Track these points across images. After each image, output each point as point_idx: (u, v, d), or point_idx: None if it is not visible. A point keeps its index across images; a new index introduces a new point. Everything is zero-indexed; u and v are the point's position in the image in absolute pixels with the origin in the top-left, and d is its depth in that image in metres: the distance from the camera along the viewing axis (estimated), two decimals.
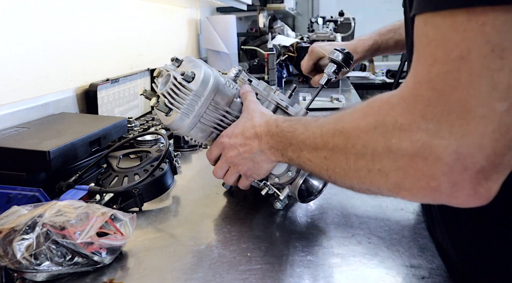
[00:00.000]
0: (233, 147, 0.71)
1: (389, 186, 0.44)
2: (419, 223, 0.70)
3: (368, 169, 0.45)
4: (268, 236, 0.67)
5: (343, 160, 0.49)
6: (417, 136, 0.40)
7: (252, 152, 0.69)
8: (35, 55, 1.04)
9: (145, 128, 1.25)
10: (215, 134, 0.74)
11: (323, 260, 0.59)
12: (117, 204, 0.75)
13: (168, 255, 0.62)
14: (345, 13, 3.53)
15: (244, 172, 0.72)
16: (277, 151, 0.65)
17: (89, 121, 1.00)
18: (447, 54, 0.38)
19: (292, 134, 0.61)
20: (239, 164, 0.71)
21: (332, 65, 0.81)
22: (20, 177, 0.76)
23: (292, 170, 0.71)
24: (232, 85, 0.73)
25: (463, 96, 0.37)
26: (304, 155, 0.58)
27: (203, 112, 0.71)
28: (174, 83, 0.69)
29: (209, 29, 2.16)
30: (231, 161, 0.72)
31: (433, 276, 0.55)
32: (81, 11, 1.23)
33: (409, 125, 0.41)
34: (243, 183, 0.75)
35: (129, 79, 1.42)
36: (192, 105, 0.69)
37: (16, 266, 0.53)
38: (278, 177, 0.73)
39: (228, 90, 0.72)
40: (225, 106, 0.73)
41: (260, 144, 0.68)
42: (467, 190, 0.39)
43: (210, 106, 0.71)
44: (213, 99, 0.70)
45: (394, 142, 0.42)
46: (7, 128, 0.89)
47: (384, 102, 0.45)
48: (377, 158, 0.44)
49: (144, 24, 1.67)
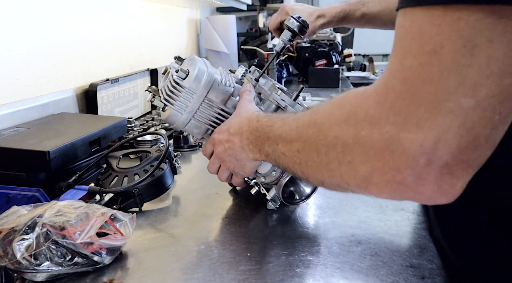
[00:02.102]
0: (220, 142, 0.71)
1: (358, 179, 0.44)
2: (419, 223, 0.70)
3: (339, 161, 0.45)
4: (268, 236, 0.67)
5: (315, 153, 0.49)
6: (385, 129, 0.40)
7: (234, 148, 0.68)
8: (35, 55, 1.04)
9: (145, 128, 1.25)
10: (211, 131, 0.74)
11: (323, 260, 0.59)
12: (117, 204, 0.75)
13: (168, 255, 0.62)
14: None
15: (231, 169, 0.72)
16: (255, 146, 0.65)
17: (89, 122, 1.00)
18: (421, 47, 0.38)
19: (270, 128, 0.61)
20: (226, 160, 0.71)
21: (287, 32, 0.80)
22: (20, 177, 0.76)
23: (277, 170, 0.71)
24: (229, 83, 0.73)
25: (432, 90, 0.37)
26: (279, 148, 0.57)
27: (197, 108, 0.71)
28: (170, 80, 0.70)
29: (209, 29, 2.17)
30: (220, 156, 0.72)
31: (433, 276, 0.55)
32: (81, 11, 1.23)
33: (379, 118, 0.40)
34: (234, 179, 0.75)
35: (129, 79, 1.42)
36: (186, 101, 0.71)
37: (16, 266, 0.53)
38: (264, 176, 0.72)
39: (224, 89, 0.72)
40: (220, 104, 0.73)
41: (241, 140, 0.67)
42: (432, 185, 0.39)
43: (203, 103, 0.71)
44: (207, 97, 0.71)
45: (363, 134, 0.42)
46: (7, 129, 0.89)
47: (358, 94, 0.45)
48: (347, 149, 0.44)
49: (144, 24, 1.67)
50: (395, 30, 0.42)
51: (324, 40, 2.41)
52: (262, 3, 2.94)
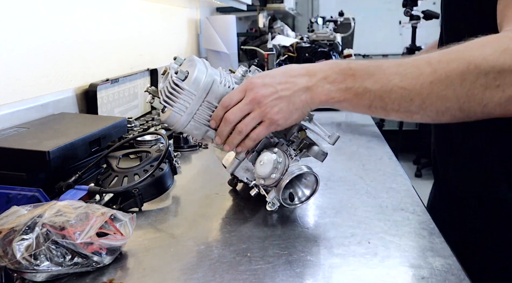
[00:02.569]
0: (268, 85, 0.66)
1: (502, 99, 0.54)
2: (419, 223, 0.70)
3: (486, 86, 0.54)
4: (268, 236, 0.67)
5: (458, 82, 0.55)
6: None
7: (294, 89, 0.65)
8: (35, 55, 1.04)
9: (145, 128, 1.25)
10: (212, 133, 0.74)
11: (323, 260, 0.59)
12: (117, 204, 0.75)
13: (168, 255, 0.62)
14: (345, 13, 3.52)
15: (271, 114, 0.66)
16: (339, 84, 0.63)
17: (89, 122, 1.00)
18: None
19: (375, 67, 0.62)
20: (268, 105, 0.65)
21: None
22: (20, 177, 0.76)
23: (277, 173, 0.70)
24: (229, 84, 0.73)
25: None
26: (393, 82, 0.59)
27: (196, 110, 0.71)
28: (169, 81, 0.70)
29: (209, 29, 2.17)
30: (258, 100, 0.66)
31: (433, 276, 0.55)
32: (81, 11, 1.23)
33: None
34: (260, 130, 0.68)
35: (129, 79, 1.42)
36: (184, 103, 0.70)
37: (16, 266, 0.53)
38: (264, 178, 0.71)
39: (224, 90, 0.72)
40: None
41: (310, 80, 0.65)
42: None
43: (203, 105, 0.71)
44: (206, 98, 0.71)
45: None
46: (7, 129, 0.89)
47: (500, 36, 0.56)
48: (501, 75, 0.53)
49: (144, 24, 1.67)
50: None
51: (324, 40, 2.41)
52: (262, 3, 2.93)
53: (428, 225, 0.69)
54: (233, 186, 0.86)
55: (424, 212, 0.73)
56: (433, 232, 0.66)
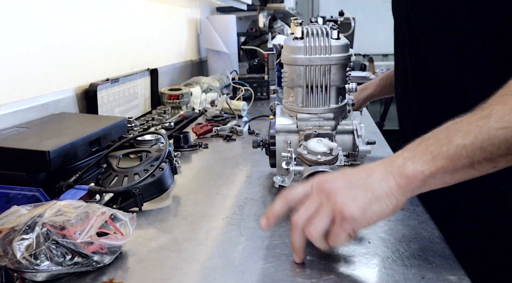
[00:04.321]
0: (337, 177, 0.57)
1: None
2: (419, 223, 0.70)
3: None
4: (268, 236, 0.67)
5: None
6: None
7: (367, 177, 0.55)
8: (35, 55, 1.04)
9: (145, 128, 1.25)
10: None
11: (323, 260, 0.59)
12: (117, 204, 0.75)
13: (168, 255, 0.62)
14: (345, 13, 3.52)
15: (345, 210, 0.53)
16: (423, 154, 0.53)
17: (89, 121, 1.00)
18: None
19: (446, 129, 0.54)
20: (338, 194, 0.54)
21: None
22: (20, 177, 0.76)
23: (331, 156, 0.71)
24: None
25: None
26: (489, 126, 0.51)
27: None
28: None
29: (209, 29, 2.16)
30: (328, 191, 0.55)
31: (433, 276, 0.55)
32: (81, 12, 1.23)
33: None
34: (336, 233, 0.54)
35: (129, 79, 1.42)
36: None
37: (16, 266, 0.53)
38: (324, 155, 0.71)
39: None
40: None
41: (385, 168, 0.55)
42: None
43: None
44: None
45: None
46: (7, 128, 0.89)
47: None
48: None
49: (144, 24, 1.67)
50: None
51: None
52: (262, 3, 2.93)
53: (428, 225, 0.69)
54: (257, 146, 0.87)
55: (424, 212, 0.73)
56: (433, 232, 0.66)
